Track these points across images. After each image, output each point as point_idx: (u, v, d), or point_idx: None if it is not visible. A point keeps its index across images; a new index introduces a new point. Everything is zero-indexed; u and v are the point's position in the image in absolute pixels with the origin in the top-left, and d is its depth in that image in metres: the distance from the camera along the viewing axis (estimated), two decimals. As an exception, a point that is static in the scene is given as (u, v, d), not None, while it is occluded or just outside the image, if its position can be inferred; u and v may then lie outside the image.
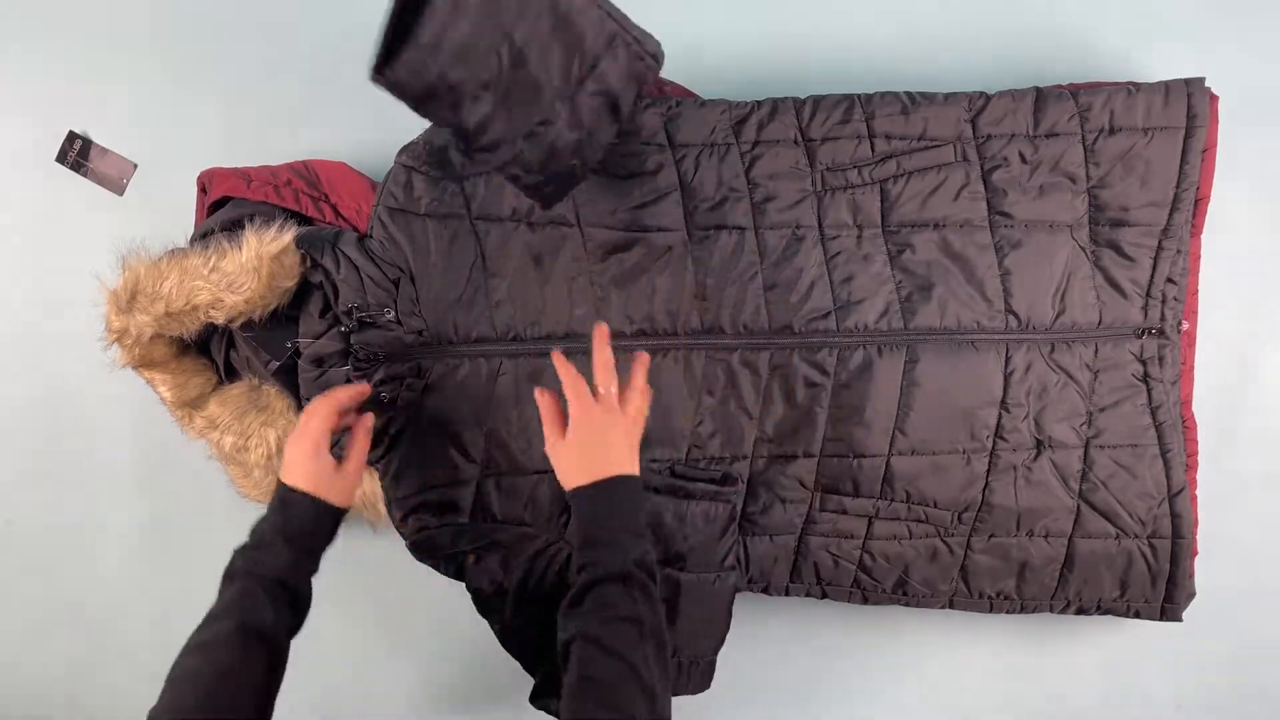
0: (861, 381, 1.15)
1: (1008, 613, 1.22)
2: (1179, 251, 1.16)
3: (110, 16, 1.35)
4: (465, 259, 1.15)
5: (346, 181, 1.22)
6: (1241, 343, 1.30)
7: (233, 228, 1.13)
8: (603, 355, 0.99)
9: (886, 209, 1.16)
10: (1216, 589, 1.27)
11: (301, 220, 1.18)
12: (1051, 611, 1.22)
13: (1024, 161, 1.16)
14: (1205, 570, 1.22)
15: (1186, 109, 1.14)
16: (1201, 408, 1.23)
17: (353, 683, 1.38)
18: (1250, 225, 1.29)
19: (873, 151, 1.16)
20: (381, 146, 1.20)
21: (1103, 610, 1.21)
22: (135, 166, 1.35)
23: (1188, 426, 1.22)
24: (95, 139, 1.35)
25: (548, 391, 1.00)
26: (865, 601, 1.22)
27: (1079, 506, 1.18)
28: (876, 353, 1.15)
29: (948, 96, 1.17)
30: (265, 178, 1.20)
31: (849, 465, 1.16)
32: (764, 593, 1.21)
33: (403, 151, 1.16)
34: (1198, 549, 1.20)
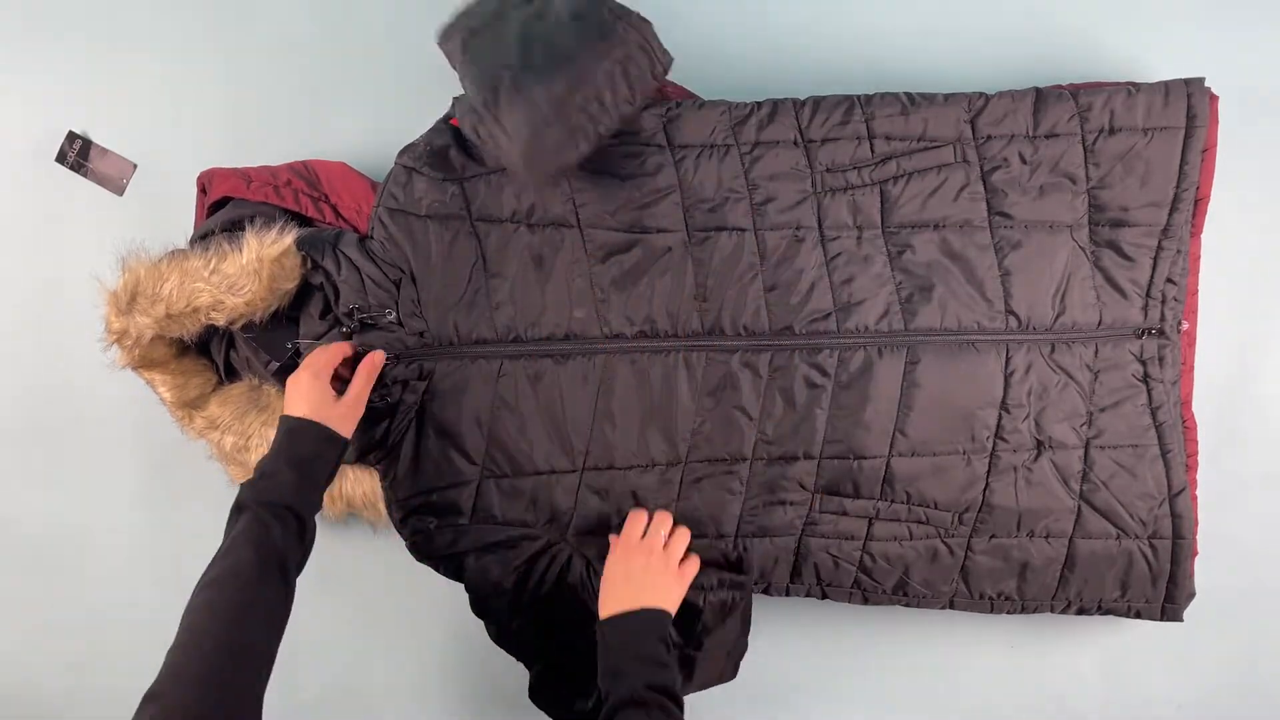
0: (862, 383, 1.15)
1: (1008, 613, 1.22)
2: (1179, 251, 1.16)
3: (110, 16, 1.35)
4: (466, 260, 1.15)
5: (347, 182, 1.22)
6: (1241, 343, 1.31)
7: (233, 229, 1.13)
8: (661, 514, 1.14)
9: (886, 210, 1.16)
10: (1216, 589, 1.27)
11: (302, 221, 1.18)
12: (1052, 612, 1.22)
13: (1024, 162, 1.16)
14: (1205, 570, 1.22)
15: (1186, 109, 1.14)
16: (1201, 408, 1.23)
17: (352, 683, 1.38)
18: (1250, 225, 1.29)
19: (872, 152, 1.16)
20: (381, 147, 1.20)
21: (1103, 610, 1.21)
22: (135, 166, 1.35)
23: (1188, 426, 1.22)
24: (95, 139, 1.35)
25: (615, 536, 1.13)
26: (866, 602, 1.22)
27: (1079, 507, 1.18)
28: (877, 354, 1.15)
29: (947, 97, 1.16)
30: (265, 178, 1.19)
31: (849, 466, 1.16)
32: (764, 593, 1.21)
33: (403, 152, 1.15)
34: (1198, 549, 1.20)
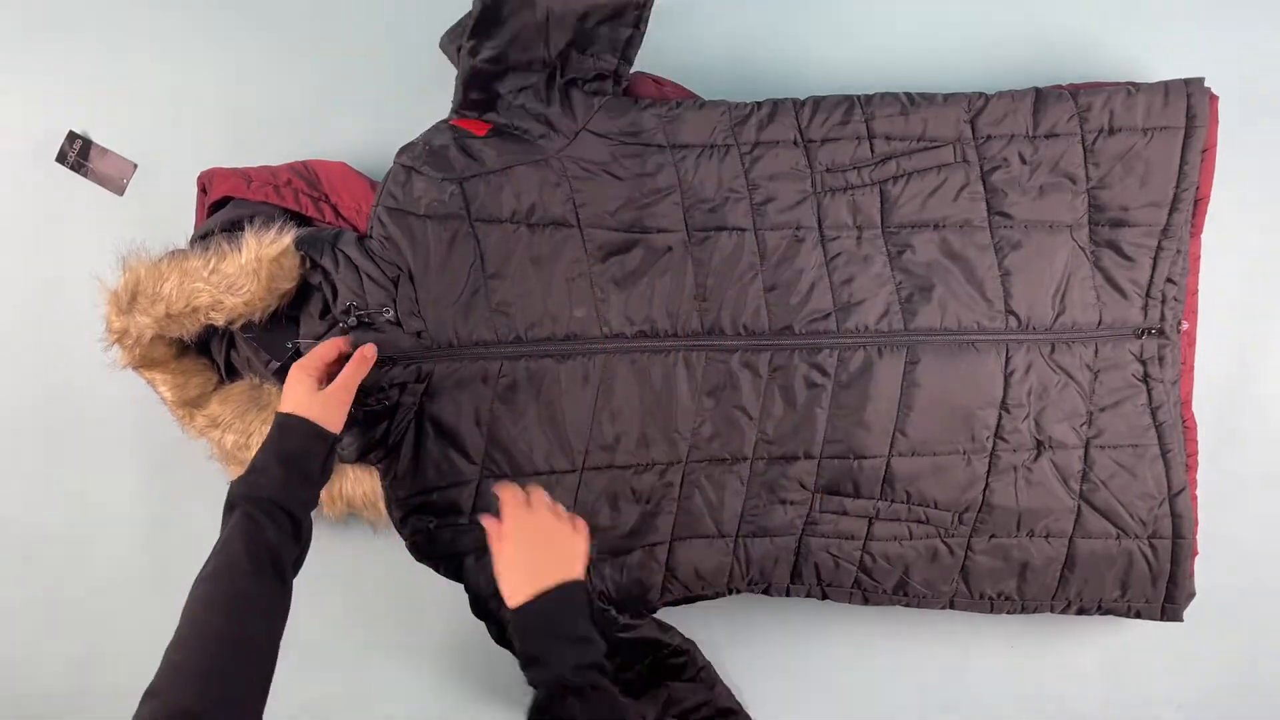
0: (862, 382, 1.15)
1: (1008, 613, 1.22)
2: (1179, 251, 1.16)
3: (110, 17, 1.35)
4: (465, 260, 1.14)
5: (346, 181, 1.22)
6: (1241, 343, 1.31)
7: (233, 228, 1.13)
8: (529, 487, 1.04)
9: (886, 210, 1.16)
10: (1216, 589, 1.27)
11: (302, 220, 1.18)
12: (1052, 612, 1.22)
13: (1024, 162, 1.16)
14: (1205, 570, 1.22)
15: (1186, 109, 1.14)
16: (1201, 408, 1.24)
17: (352, 683, 1.38)
18: (1250, 225, 1.29)
19: (872, 152, 1.16)
20: (381, 147, 1.20)
21: (1103, 610, 1.21)
22: (135, 166, 1.35)
23: (1188, 426, 1.22)
24: (95, 139, 1.35)
25: (488, 515, 1.03)
26: (866, 602, 1.22)
27: (1079, 507, 1.18)
28: (877, 353, 1.15)
29: (947, 97, 1.17)
30: (265, 178, 1.19)
31: (849, 466, 1.16)
32: (765, 593, 1.21)
33: (402, 152, 1.15)
34: (1198, 549, 1.20)
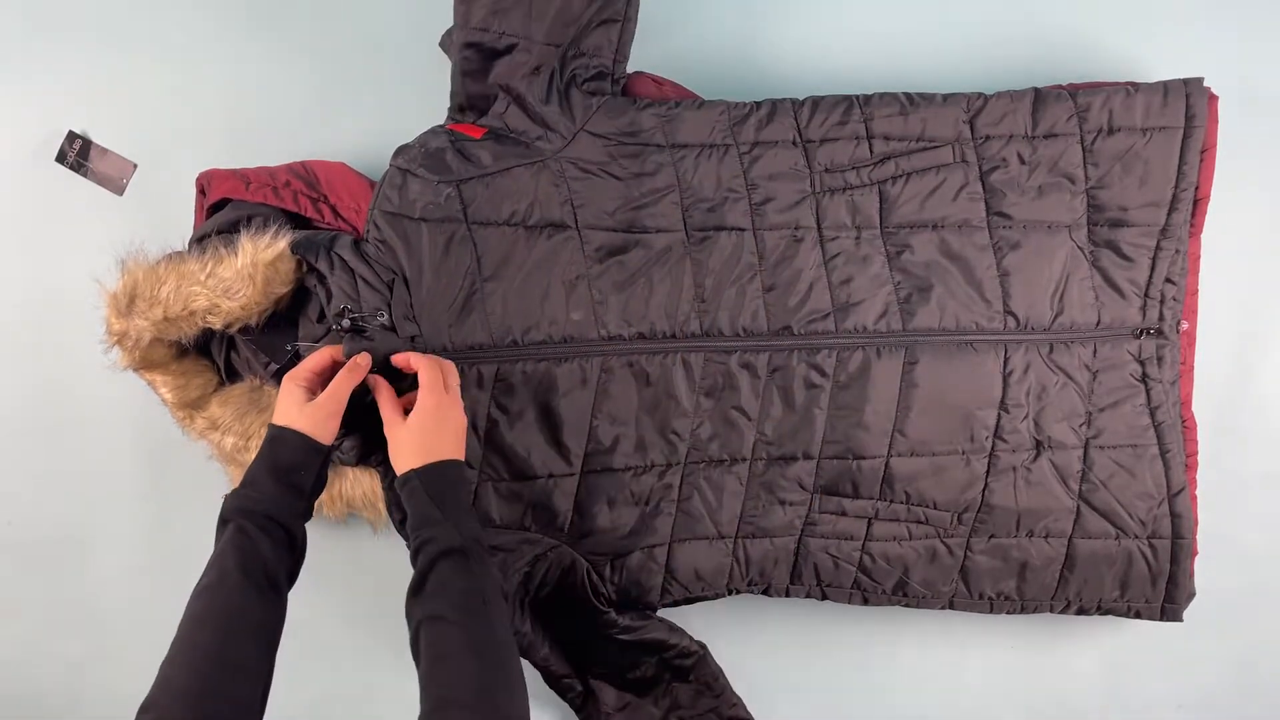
0: (860, 383, 1.15)
1: (1008, 613, 1.22)
2: (1178, 251, 1.16)
3: (110, 17, 1.35)
4: (461, 263, 1.13)
5: (346, 182, 1.22)
6: (1241, 343, 1.30)
7: (231, 230, 1.13)
8: (443, 359, 1.07)
9: (885, 210, 1.16)
10: (1216, 589, 1.27)
11: (301, 221, 1.18)
12: (1052, 612, 1.22)
13: (1022, 162, 1.15)
14: (1205, 570, 1.22)
15: (1185, 109, 1.14)
16: (1201, 408, 1.23)
17: (352, 683, 1.38)
18: (1250, 225, 1.29)
19: (871, 152, 1.16)
20: (381, 147, 1.19)
21: (1103, 610, 1.21)
22: (135, 166, 1.35)
23: (1187, 426, 1.22)
24: (95, 139, 1.35)
25: (381, 379, 1.06)
26: (865, 603, 1.22)
27: (1079, 507, 1.18)
28: (875, 354, 1.15)
29: (946, 97, 1.16)
30: (264, 179, 1.19)
31: (848, 466, 1.16)
32: (764, 594, 1.21)
33: (398, 154, 1.14)
34: (1198, 549, 1.20)
